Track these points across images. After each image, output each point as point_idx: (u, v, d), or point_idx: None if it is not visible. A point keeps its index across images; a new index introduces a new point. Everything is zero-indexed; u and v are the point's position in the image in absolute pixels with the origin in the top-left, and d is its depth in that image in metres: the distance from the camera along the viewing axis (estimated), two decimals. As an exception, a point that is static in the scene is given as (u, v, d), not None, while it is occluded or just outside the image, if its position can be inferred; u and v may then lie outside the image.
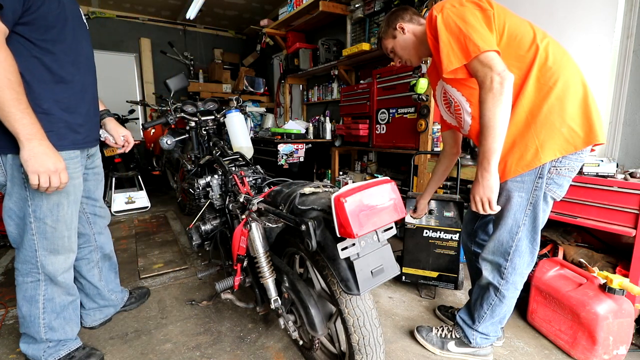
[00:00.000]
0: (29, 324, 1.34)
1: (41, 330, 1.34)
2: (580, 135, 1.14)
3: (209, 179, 1.77)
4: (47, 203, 1.24)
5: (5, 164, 1.18)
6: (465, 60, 1.12)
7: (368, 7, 3.29)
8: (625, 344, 1.43)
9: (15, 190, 1.20)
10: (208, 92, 5.66)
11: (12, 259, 2.53)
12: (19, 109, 1.04)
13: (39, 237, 1.26)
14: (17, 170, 1.18)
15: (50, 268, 1.31)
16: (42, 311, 1.34)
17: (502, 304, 1.37)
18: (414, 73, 2.53)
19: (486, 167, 1.15)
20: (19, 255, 1.30)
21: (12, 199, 1.22)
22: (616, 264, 1.68)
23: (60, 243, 1.31)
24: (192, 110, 2.10)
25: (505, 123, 1.10)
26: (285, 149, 3.51)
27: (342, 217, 0.91)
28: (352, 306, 1.10)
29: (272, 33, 4.48)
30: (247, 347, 1.57)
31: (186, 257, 2.57)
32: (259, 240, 1.31)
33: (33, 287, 1.32)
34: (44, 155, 1.10)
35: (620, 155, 1.90)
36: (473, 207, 1.24)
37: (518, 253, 1.29)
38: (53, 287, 1.35)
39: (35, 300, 1.33)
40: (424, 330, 1.60)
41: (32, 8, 1.06)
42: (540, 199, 1.22)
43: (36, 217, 1.23)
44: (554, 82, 1.15)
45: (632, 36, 1.82)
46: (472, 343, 1.46)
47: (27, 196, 1.21)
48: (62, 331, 1.39)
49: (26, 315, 1.33)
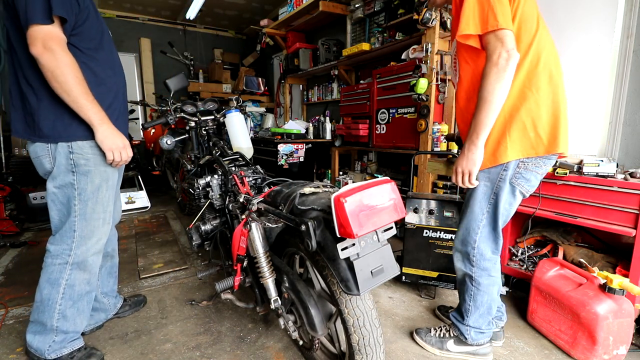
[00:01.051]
0: (45, 308, 1.38)
1: (54, 317, 1.38)
2: (544, 143, 1.22)
3: (209, 179, 1.77)
4: (91, 186, 1.37)
5: (53, 152, 1.31)
6: (481, 30, 1.14)
7: (368, 7, 3.29)
8: (625, 344, 1.43)
9: (60, 176, 1.33)
10: (208, 92, 5.66)
11: (12, 259, 2.53)
12: (88, 100, 1.24)
13: (80, 218, 1.37)
14: (65, 157, 1.31)
15: (82, 250, 1.39)
16: (61, 296, 1.38)
17: (481, 292, 1.41)
18: (414, 73, 2.53)
19: (474, 140, 1.19)
20: (55, 237, 1.39)
21: (57, 184, 1.35)
22: (616, 264, 1.68)
23: (96, 224, 1.41)
24: (192, 110, 2.10)
25: (502, 100, 1.15)
26: (285, 149, 3.51)
27: (342, 217, 0.91)
28: (352, 306, 1.10)
29: (272, 33, 4.48)
30: (247, 347, 1.57)
31: (186, 257, 2.57)
32: (258, 240, 1.31)
33: (59, 269, 1.38)
34: (113, 135, 1.32)
35: (620, 155, 1.90)
36: (454, 179, 1.30)
37: (482, 239, 1.37)
38: (77, 273, 1.41)
39: (58, 284, 1.38)
40: (423, 331, 1.60)
41: (79, 22, 1.25)
42: (503, 189, 1.29)
43: (81, 199, 1.36)
44: (537, 89, 1.20)
45: (632, 36, 1.82)
46: (468, 339, 1.47)
47: (74, 180, 1.34)
48: (72, 322, 1.42)
49: (45, 298, 1.37)
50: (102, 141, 1.30)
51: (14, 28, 1.21)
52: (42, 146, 1.31)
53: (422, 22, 2.38)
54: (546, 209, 1.84)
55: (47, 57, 1.15)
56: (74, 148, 1.31)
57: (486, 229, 1.36)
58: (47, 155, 1.31)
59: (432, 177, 2.59)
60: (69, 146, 1.31)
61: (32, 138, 1.30)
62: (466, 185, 1.27)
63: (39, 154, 1.32)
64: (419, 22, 2.39)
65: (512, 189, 1.29)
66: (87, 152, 1.34)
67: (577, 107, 2.08)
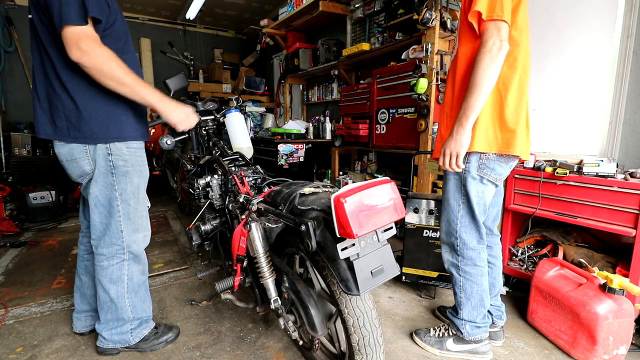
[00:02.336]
0: (117, 306, 1.45)
1: (128, 310, 1.47)
2: (499, 143, 1.31)
3: (209, 179, 1.77)
4: (131, 186, 1.40)
5: (93, 154, 1.32)
6: (487, 15, 1.20)
7: (368, 7, 3.29)
8: (625, 344, 1.43)
9: (101, 178, 1.35)
10: (208, 92, 5.66)
11: (12, 259, 2.53)
12: (142, 84, 1.26)
13: (124, 218, 1.40)
14: (104, 159, 1.33)
15: (134, 246, 1.45)
16: (126, 290, 1.46)
17: (470, 282, 1.45)
18: (414, 73, 2.53)
19: (463, 123, 1.25)
20: (103, 240, 1.41)
21: (98, 186, 1.36)
22: (616, 264, 1.68)
23: (140, 222, 1.47)
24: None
25: (491, 85, 1.21)
26: (285, 149, 3.50)
27: (341, 218, 0.91)
28: (352, 306, 1.10)
29: (272, 33, 4.48)
30: (247, 347, 1.57)
31: (186, 257, 2.57)
32: (258, 241, 1.30)
33: (119, 267, 1.44)
34: (176, 107, 1.39)
35: (620, 155, 1.90)
36: (441, 161, 1.34)
37: (464, 229, 1.43)
38: (134, 266, 1.48)
39: (121, 281, 1.45)
40: (422, 332, 1.61)
41: (109, 23, 1.27)
42: (469, 180, 1.36)
43: (123, 200, 1.39)
44: (507, 92, 1.28)
45: (632, 36, 1.81)
46: (465, 334, 1.49)
47: (114, 182, 1.36)
48: (141, 309, 1.52)
49: (114, 298, 1.44)
50: (168, 116, 1.37)
51: (46, 30, 1.21)
52: (79, 148, 1.31)
53: (422, 22, 2.38)
54: (546, 209, 1.84)
55: (87, 58, 1.15)
56: (112, 150, 1.34)
57: (465, 219, 1.42)
58: (85, 157, 1.32)
59: (432, 177, 2.59)
60: (107, 148, 1.33)
61: (67, 139, 1.29)
62: (453, 167, 1.31)
63: (76, 157, 1.32)
64: (419, 22, 2.39)
65: (480, 178, 1.36)
66: (125, 153, 1.37)
67: (577, 107, 2.08)
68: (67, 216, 3.59)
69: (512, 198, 2.00)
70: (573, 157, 2.05)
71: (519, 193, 1.97)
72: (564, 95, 2.13)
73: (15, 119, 4.77)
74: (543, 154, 2.21)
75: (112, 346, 1.50)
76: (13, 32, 4.78)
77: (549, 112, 2.21)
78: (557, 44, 2.14)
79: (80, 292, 1.62)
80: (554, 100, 2.18)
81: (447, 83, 1.45)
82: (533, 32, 2.23)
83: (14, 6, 4.77)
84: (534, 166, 1.89)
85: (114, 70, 1.19)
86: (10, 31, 4.76)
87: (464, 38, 1.33)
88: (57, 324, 1.75)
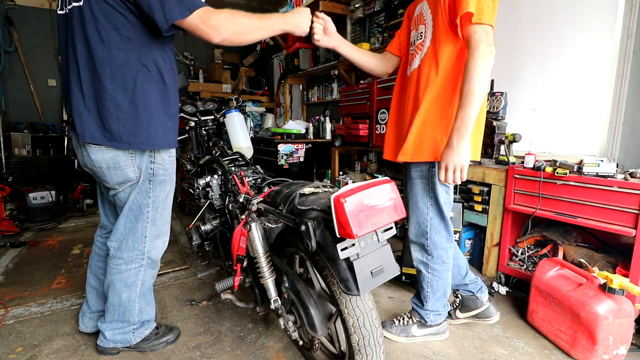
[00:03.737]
0: (126, 310, 1.45)
1: (135, 313, 1.47)
2: None
3: (209, 179, 1.77)
4: (164, 193, 1.39)
5: (139, 161, 1.28)
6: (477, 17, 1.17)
7: (368, 7, 3.29)
8: (625, 344, 1.43)
9: (139, 184, 1.31)
10: (208, 92, 5.66)
11: (12, 259, 2.53)
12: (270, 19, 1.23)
13: (150, 224, 1.38)
14: (145, 166, 1.30)
15: (154, 252, 1.44)
16: (138, 294, 1.45)
17: (437, 278, 1.52)
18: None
19: (463, 133, 1.20)
20: (125, 244, 1.38)
21: (141, 194, 1.33)
22: (616, 264, 1.68)
23: (163, 228, 1.46)
24: (192, 110, 2.10)
25: (485, 92, 1.20)
26: (285, 149, 3.50)
27: (341, 218, 0.91)
28: (352, 307, 1.10)
29: (272, 33, 4.48)
30: (247, 347, 1.57)
31: (186, 257, 2.57)
32: (258, 241, 1.30)
33: (135, 272, 1.42)
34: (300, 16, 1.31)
35: (620, 155, 1.90)
36: (442, 176, 1.28)
37: (434, 230, 1.47)
38: (148, 271, 1.47)
39: (135, 285, 1.43)
40: (388, 324, 1.66)
41: None
42: (437, 184, 1.40)
43: (154, 207, 1.37)
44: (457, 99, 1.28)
45: (632, 36, 1.81)
46: (428, 321, 1.57)
47: (149, 189, 1.34)
48: (146, 312, 1.52)
49: (125, 302, 1.43)
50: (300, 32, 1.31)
51: (103, 26, 1.12)
52: (125, 155, 1.25)
53: (422, 22, 2.37)
54: (546, 209, 1.84)
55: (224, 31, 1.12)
56: (156, 158, 1.31)
57: (435, 220, 1.46)
58: (131, 164, 1.27)
59: (432, 177, 2.59)
60: (151, 155, 1.30)
61: (119, 145, 1.22)
62: (457, 181, 1.27)
63: (121, 164, 1.25)
64: (419, 22, 2.38)
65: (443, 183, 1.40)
66: (166, 161, 1.36)
67: (577, 107, 2.08)
68: (67, 216, 3.59)
69: (512, 198, 2.00)
70: (573, 157, 2.05)
71: (519, 193, 1.97)
72: (564, 95, 2.13)
73: (15, 119, 4.78)
74: (543, 154, 2.21)
75: (113, 346, 1.49)
76: (13, 32, 4.78)
77: (549, 112, 2.21)
78: (557, 44, 2.14)
79: (97, 292, 1.59)
80: (554, 100, 2.18)
81: (412, 83, 1.42)
82: (533, 32, 2.24)
83: (14, 6, 4.77)
84: (534, 166, 1.89)
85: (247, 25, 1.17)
86: (10, 31, 4.76)
87: (444, 39, 1.29)
88: (57, 324, 1.75)
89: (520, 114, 2.33)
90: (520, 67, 2.32)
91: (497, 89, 2.21)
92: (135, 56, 1.17)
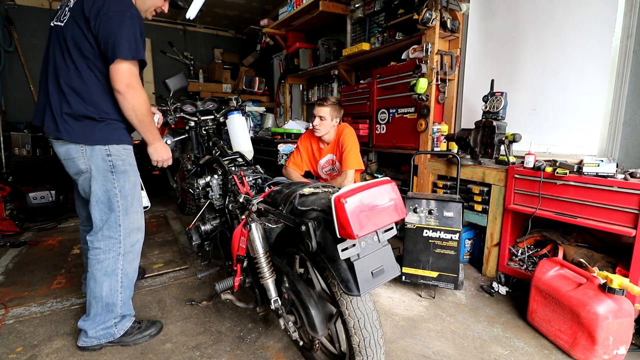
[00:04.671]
0: (109, 300, 1.50)
1: (118, 305, 1.53)
2: None
3: (209, 179, 1.77)
4: (129, 184, 1.51)
5: (89, 154, 1.43)
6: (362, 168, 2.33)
7: (368, 7, 3.29)
8: (625, 344, 1.43)
9: (101, 177, 1.45)
10: (208, 92, 5.66)
11: (12, 259, 2.53)
12: (152, 125, 1.52)
13: (122, 213, 1.50)
14: (104, 160, 1.44)
15: (128, 239, 1.54)
16: (120, 285, 1.53)
17: None
18: (413, 73, 2.53)
19: None
20: (101, 234, 1.49)
21: (99, 184, 1.46)
22: (616, 264, 1.68)
23: (136, 217, 1.57)
24: (192, 110, 2.10)
25: None
26: (285, 149, 3.50)
27: (342, 218, 0.91)
28: (353, 307, 1.10)
29: (272, 33, 4.48)
30: (247, 347, 1.57)
31: (186, 257, 2.57)
32: (258, 241, 1.30)
33: (114, 261, 1.51)
34: (161, 149, 1.61)
35: (620, 155, 1.90)
36: None
37: None
38: (128, 261, 1.55)
39: (115, 274, 1.51)
40: None
41: None
42: None
43: (122, 195, 1.49)
44: None
45: (632, 36, 1.81)
46: None
47: (114, 179, 1.47)
48: (128, 305, 1.59)
49: (107, 292, 1.50)
50: (152, 154, 1.59)
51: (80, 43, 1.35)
52: (75, 148, 1.42)
53: (422, 22, 2.38)
54: (546, 209, 1.84)
55: (131, 95, 1.35)
56: (112, 151, 1.45)
57: None
58: (81, 157, 1.43)
59: (432, 177, 2.59)
60: (106, 149, 1.44)
61: (66, 138, 1.40)
62: None
63: (73, 156, 1.44)
64: (419, 22, 2.39)
65: None
66: (122, 154, 1.49)
67: (577, 107, 2.08)
68: (67, 216, 3.59)
69: (512, 198, 2.00)
70: (573, 157, 2.05)
71: (519, 193, 1.97)
72: (564, 95, 2.13)
73: (15, 119, 4.77)
74: (543, 154, 2.21)
75: (96, 343, 1.52)
76: (13, 32, 4.77)
77: (549, 112, 2.21)
78: (557, 43, 2.14)
79: None
80: (554, 100, 2.18)
81: None
82: (533, 31, 2.24)
83: (14, 6, 4.77)
84: (534, 166, 1.89)
85: (143, 111, 1.42)
86: (10, 31, 4.76)
87: None
88: (57, 324, 1.75)
89: (520, 114, 2.33)
90: (520, 67, 2.32)
91: (497, 89, 2.21)
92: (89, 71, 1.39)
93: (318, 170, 2.55)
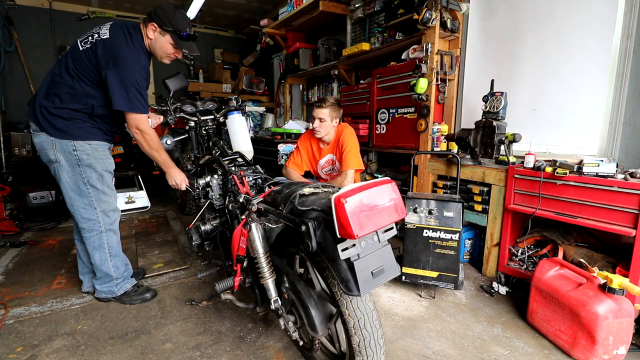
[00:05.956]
0: (102, 267, 1.85)
1: (112, 270, 1.87)
2: None
3: (209, 179, 1.77)
4: (96, 174, 1.76)
5: (57, 146, 1.68)
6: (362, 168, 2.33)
7: (368, 7, 3.29)
8: (625, 344, 1.43)
9: (68, 168, 1.72)
10: (208, 92, 5.66)
11: (12, 259, 2.53)
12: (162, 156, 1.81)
13: (95, 198, 1.78)
14: (70, 153, 1.69)
15: (106, 219, 1.83)
16: (109, 254, 1.85)
17: None
18: (413, 73, 2.53)
19: None
20: (82, 218, 1.78)
21: (68, 173, 1.73)
22: (616, 264, 1.68)
23: (109, 200, 1.84)
24: (192, 110, 2.10)
25: None
26: (285, 149, 3.50)
27: (342, 218, 0.91)
28: (353, 308, 1.10)
29: (272, 33, 4.48)
30: (247, 347, 1.57)
31: (186, 257, 2.56)
32: (258, 241, 1.30)
33: (98, 237, 1.82)
34: (175, 175, 1.87)
35: (620, 155, 1.90)
36: None
37: None
38: (111, 235, 1.86)
39: (102, 247, 1.83)
40: None
41: None
42: None
43: (91, 185, 1.75)
44: None
45: (632, 36, 1.81)
46: None
47: (80, 171, 1.72)
48: (122, 269, 1.92)
49: (99, 261, 1.84)
50: (168, 180, 1.87)
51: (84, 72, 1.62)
52: (47, 140, 1.67)
53: (422, 22, 2.38)
54: (546, 209, 1.84)
55: (139, 136, 1.72)
56: (77, 146, 1.69)
57: None
58: (51, 148, 1.68)
59: (432, 177, 2.59)
60: (72, 144, 1.68)
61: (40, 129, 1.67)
62: None
63: (45, 147, 1.69)
64: (419, 22, 2.39)
65: None
66: (87, 149, 1.71)
67: (577, 107, 2.08)
68: (67, 216, 3.58)
69: (512, 198, 2.00)
70: (573, 157, 2.05)
71: (519, 193, 1.97)
72: (564, 95, 2.13)
73: (15, 119, 4.77)
74: (543, 154, 2.21)
75: (104, 296, 1.92)
76: (13, 32, 4.77)
77: (549, 112, 2.21)
78: (557, 43, 2.14)
79: (80, 258, 1.98)
80: (554, 100, 2.18)
81: None
82: (533, 31, 2.24)
83: (14, 6, 4.76)
84: (534, 166, 1.89)
85: (156, 144, 1.76)
86: (10, 31, 4.76)
87: None
88: (57, 324, 1.75)
89: (520, 114, 2.33)
90: (520, 67, 2.32)
91: (497, 89, 2.21)
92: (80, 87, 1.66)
93: (318, 170, 2.55)
